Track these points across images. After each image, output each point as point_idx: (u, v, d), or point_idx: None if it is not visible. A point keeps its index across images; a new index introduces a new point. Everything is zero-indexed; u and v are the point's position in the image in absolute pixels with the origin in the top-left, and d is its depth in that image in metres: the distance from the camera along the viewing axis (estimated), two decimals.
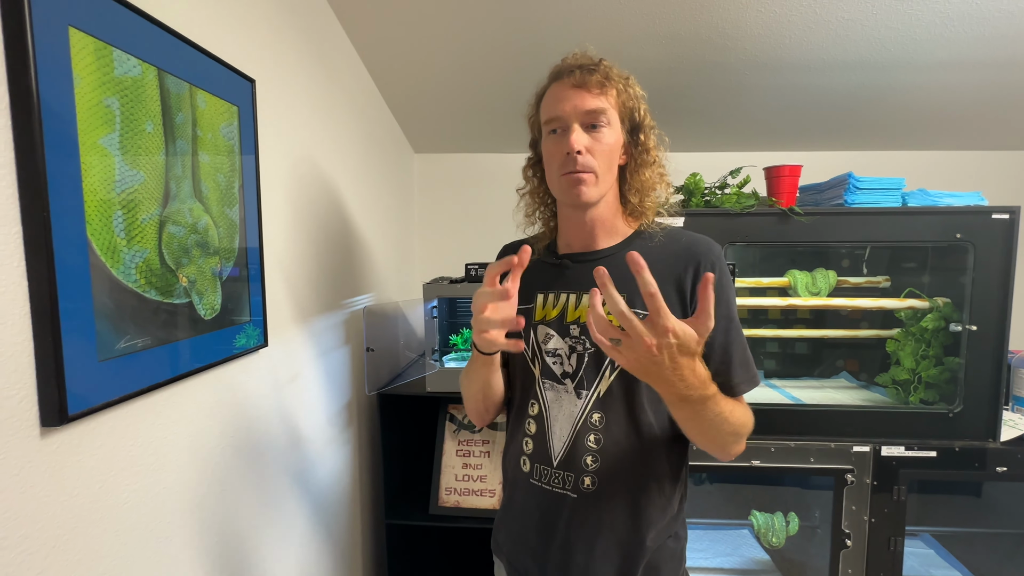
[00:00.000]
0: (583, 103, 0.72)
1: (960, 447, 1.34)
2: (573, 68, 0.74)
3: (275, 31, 1.02)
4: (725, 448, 0.69)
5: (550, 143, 0.76)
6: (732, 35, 1.33)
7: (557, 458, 0.75)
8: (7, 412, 0.52)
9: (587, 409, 0.74)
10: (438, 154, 2.09)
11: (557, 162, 0.74)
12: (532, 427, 0.79)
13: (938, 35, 1.31)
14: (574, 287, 0.78)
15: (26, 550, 0.54)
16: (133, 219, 0.65)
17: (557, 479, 0.75)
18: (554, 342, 0.77)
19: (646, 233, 0.79)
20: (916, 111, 1.68)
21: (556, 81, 0.76)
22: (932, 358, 1.43)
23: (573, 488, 0.74)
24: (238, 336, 0.89)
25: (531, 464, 0.78)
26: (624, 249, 0.76)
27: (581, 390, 0.75)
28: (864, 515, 1.36)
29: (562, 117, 0.73)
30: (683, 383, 0.58)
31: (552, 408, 0.77)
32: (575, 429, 0.74)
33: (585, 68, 0.73)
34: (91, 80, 0.59)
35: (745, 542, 1.74)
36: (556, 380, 0.77)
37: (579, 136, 0.72)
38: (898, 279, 1.56)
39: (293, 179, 1.11)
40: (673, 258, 0.75)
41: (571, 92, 0.73)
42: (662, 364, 0.56)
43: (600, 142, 0.73)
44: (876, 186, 1.35)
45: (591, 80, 0.72)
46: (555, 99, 0.74)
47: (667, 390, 0.59)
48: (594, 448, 0.74)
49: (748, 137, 1.89)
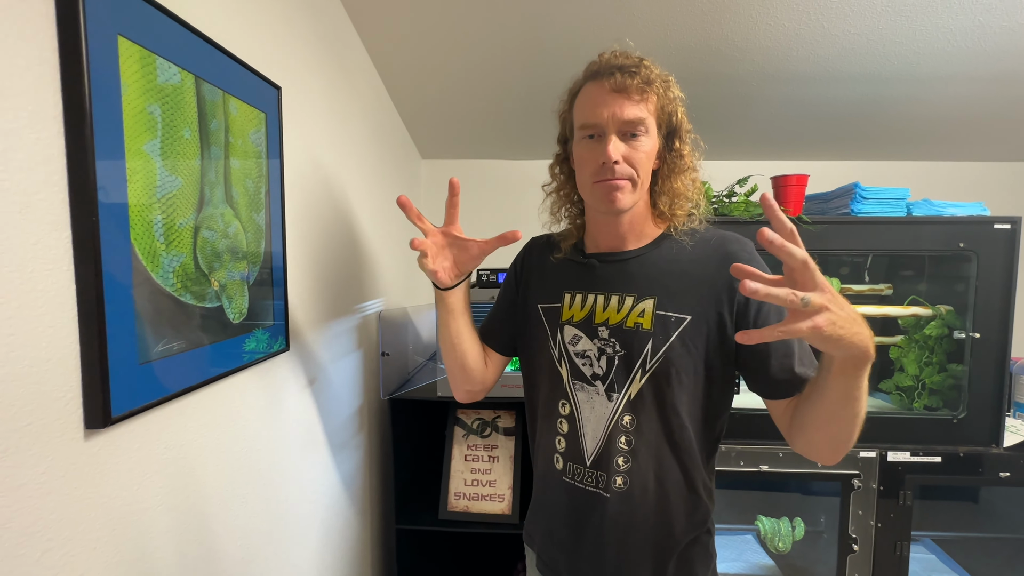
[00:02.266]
0: (622, 111, 0.70)
1: (964, 453, 1.36)
2: (613, 69, 0.71)
3: (299, 39, 1.04)
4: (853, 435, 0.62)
5: (584, 148, 0.74)
6: (742, 47, 1.36)
7: (590, 458, 0.76)
8: (54, 414, 0.52)
9: (618, 411, 0.75)
10: (445, 160, 2.11)
11: (591, 169, 0.73)
12: (564, 426, 0.79)
13: (940, 49, 1.35)
14: (601, 288, 0.78)
15: (69, 552, 0.54)
16: (171, 224, 0.66)
17: (590, 478, 0.76)
18: (583, 343, 0.78)
19: (674, 235, 0.78)
20: (920, 122, 1.71)
21: (594, 80, 0.73)
22: (936, 365, 1.46)
23: (605, 487, 0.75)
24: (263, 340, 0.89)
25: (564, 462, 0.79)
26: (652, 250, 0.77)
27: (612, 392, 0.75)
28: (871, 520, 1.38)
29: (599, 124, 0.71)
30: (864, 325, 0.53)
31: (584, 409, 0.77)
32: (607, 430, 0.75)
33: (626, 70, 0.70)
34: (137, 87, 0.60)
35: (750, 547, 1.75)
36: (587, 382, 0.77)
37: (616, 146, 0.70)
38: (900, 287, 1.59)
39: (311, 184, 1.12)
40: (704, 258, 0.74)
41: (610, 98, 0.70)
42: (847, 309, 0.51)
43: (637, 151, 0.71)
44: (882, 196, 1.38)
45: (631, 85, 0.69)
46: (592, 103, 0.72)
47: (862, 340, 0.53)
48: (626, 449, 0.74)
49: (756, 147, 1.92)
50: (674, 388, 0.73)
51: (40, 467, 0.51)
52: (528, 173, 2.04)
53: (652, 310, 0.73)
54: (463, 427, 1.61)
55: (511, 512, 1.49)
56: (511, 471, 1.53)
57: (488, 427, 1.59)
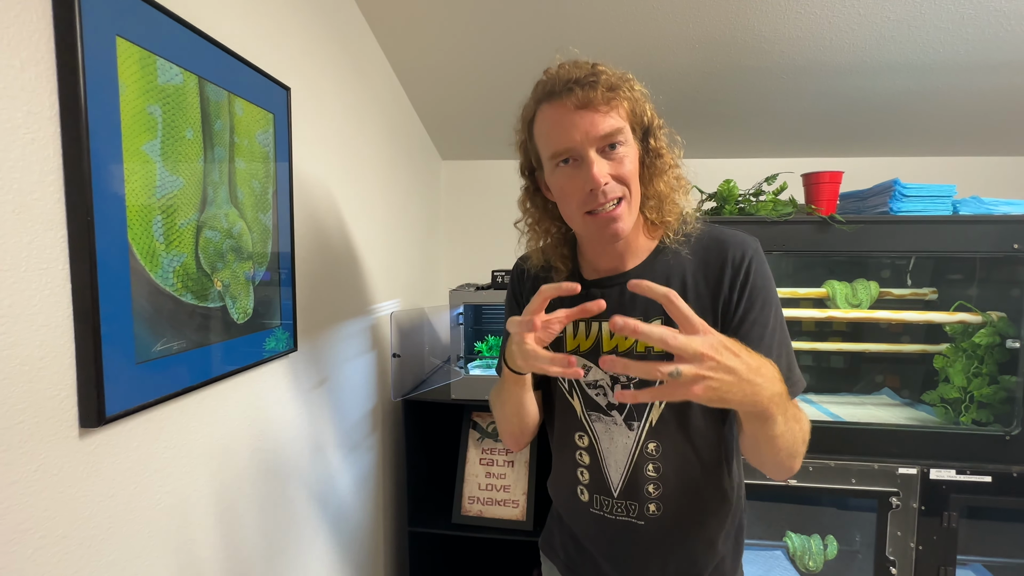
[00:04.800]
0: (595, 128, 0.62)
1: (1018, 473, 1.25)
2: (569, 84, 0.63)
3: (310, 40, 1.04)
4: (794, 459, 0.62)
5: (561, 176, 0.66)
6: (770, 38, 1.29)
7: (617, 489, 0.74)
8: (48, 413, 0.53)
9: (641, 440, 0.72)
10: (465, 161, 2.10)
11: (577, 199, 0.65)
12: (585, 458, 0.77)
13: (992, 35, 1.25)
14: (606, 315, 0.72)
15: (64, 549, 0.54)
16: (172, 224, 0.66)
17: (620, 508, 0.74)
18: (593, 373, 0.74)
19: (669, 244, 0.72)
20: (967, 115, 1.59)
21: (549, 102, 0.65)
22: (985, 376, 1.35)
23: (639, 516, 0.73)
24: (269, 340, 0.89)
25: (590, 494, 0.77)
26: (650, 264, 0.72)
27: (632, 421, 0.72)
28: (911, 542, 1.28)
29: (573, 148, 0.63)
30: (762, 378, 0.52)
31: (603, 439, 0.74)
32: (632, 460, 0.72)
33: (584, 83, 0.62)
34: (135, 88, 0.60)
35: (779, 564, 1.66)
36: (603, 412, 0.74)
37: (600, 167, 0.62)
38: (945, 291, 1.48)
39: (323, 185, 1.12)
40: (703, 264, 0.70)
41: (576, 116, 0.62)
42: (736, 370, 0.49)
43: (623, 163, 0.64)
44: (925, 193, 1.29)
45: (595, 97, 0.62)
46: (558, 126, 0.64)
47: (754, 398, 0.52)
48: (654, 476, 0.72)
49: (784, 143, 1.83)
50: (695, 407, 0.70)
51: (33, 465, 0.51)
52: None
53: None
54: (479, 431, 1.59)
55: (525, 519, 1.46)
56: (526, 477, 1.50)
57: None
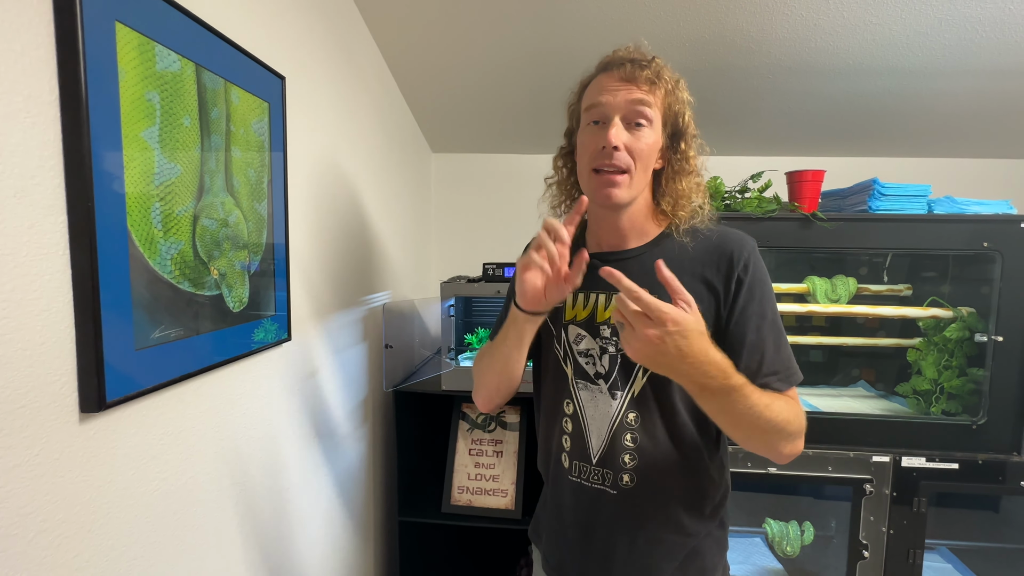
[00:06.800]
0: (627, 97, 0.70)
1: (983, 460, 1.32)
2: (624, 61, 0.71)
3: (305, 29, 1.04)
4: (772, 447, 0.67)
5: (587, 134, 0.73)
6: (757, 39, 1.32)
7: (596, 456, 0.76)
8: (48, 398, 0.53)
9: (623, 409, 0.74)
10: (456, 154, 2.10)
11: (590, 153, 0.72)
12: (569, 425, 0.79)
13: (968, 40, 1.29)
14: (604, 287, 0.77)
15: (63, 534, 0.55)
16: (170, 211, 0.66)
17: (596, 476, 0.76)
18: (586, 342, 0.77)
19: (674, 233, 0.76)
20: (943, 118, 1.65)
21: (604, 72, 0.73)
22: (955, 368, 1.41)
23: (612, 485, 0.75)
24: (263, 330, 0.90)
25: (570, 461, 0.79)
26: (652, 249, 0.76)
27: (615, 391, 0.75)
28: (883, 526, 1.34)
29: (604, 106, 0.70)
30: (697, 371, 0.59)
31: (588, 408, 0.77)
32: (612, 429, 0.75)
33: (637, 63, 0.70)
34: (134, 74, 0.60)
35: (758, 550, 1.72)
36: (590, 380, 0.77)
37: (619, 131, 0.69)
38: (919, 287, 1.54)
39: (316, 175, 1.12)
40: (704, 256, 0.73)
41: (618, 84, 0.70)
42: (668, 354, 0.57)
43: (639, 140, 0.70)
44: (902, 192, 1.33)
45: (641, 75, 0.69)
46: (600, 88, 0.72)
47: (686, 381, 0.61)
48: (631, 447, 0.74)
49: (770, 142, 1.87)
50: (674, 386, 0.72)
51: (34, 449, 0.52)
52: (539, 167, 2.01)
53: None
54: (468, 421, 1.60)
55: (514, 507, 1.48)
56: (515, 466, 1.53)
57: (493, 422, 1.59)
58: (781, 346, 0.72)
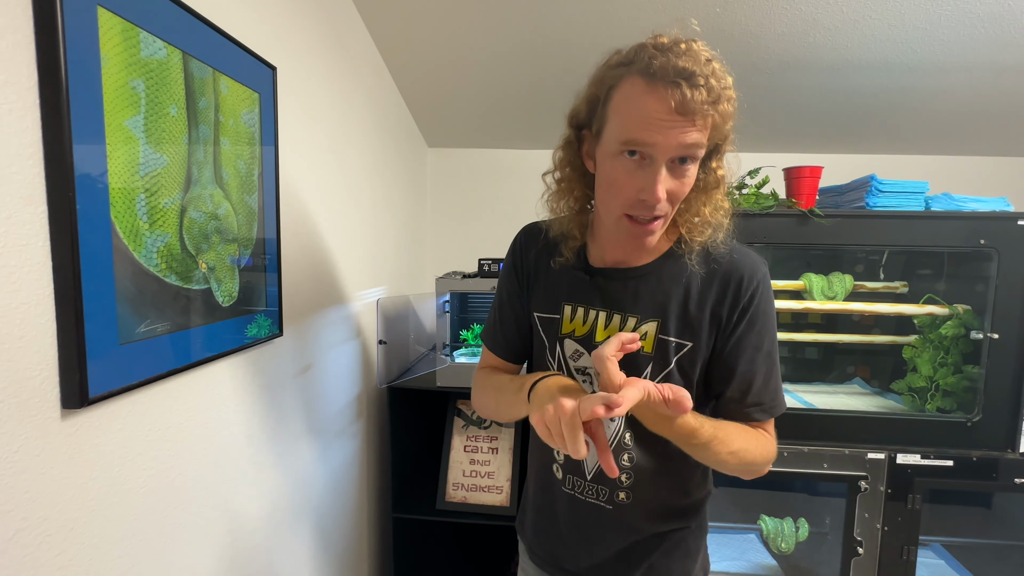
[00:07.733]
0: (681, 140, 0.57)
1: (978, 457, 1.32)
2: (677, 77, 0.56)
3: (297, 19, 1.02)
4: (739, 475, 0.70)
5: (620, 167, 0.61)
6: (757, 34, 1.31)
7: (591, 472, 0.76)
8: (29, 393, 0.52)
9: (619, 430, 0.74)
10: (452, 149, 2.08)
11: (624, 197, 0.62)
12: None
13: (967, 36, 1.29)
14: (605, 305, 0.73)
15: (45, 531, 0.54)
16: (156, 203, 0.65)
17: (591, 491, 0.76)
18: (584, 360, 0.75)
19: (684, 250, 0.70)
20: (941, 115, 1.65)
21: (649, 82, 0.57)
22: (951, 366, 1.41)
23: (608, 500, 0.75)
24: (254, 325, 0.88)
25: (564, 473, 0.78)
26: (659, 268, 0.71)
27: None
28: (877, 523, 1.34)
29: (650, 149, 0.58)
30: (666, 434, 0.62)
31: None
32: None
33: (693, 81, 0.56)
34: (118, 61, 0.58)
35: (752, 547, 1.72)
36: None
37: (665, 182, 0.59)
38: (916, 285, 1.54)
39: (309, 168, 1.10)
40: (712, 285, 0.69)
41: (670, 119, 0.56)
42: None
43: (683, 184, 0.61)
44: (899, 189, 1.33)
45: (698, 106, 0.56)
46: (647, 119, 0.57)
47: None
48: (627, 466, 0.74)
49: (767, 138, 1.87)
50: None
51: (14, 445, 0.50)
52: (535, 163, 2.01)
53: (655, 334, 0.70)
54: (463, 418, 1.60)
55: (509, 504, 1.48)
56: (510, 463, 1.52)
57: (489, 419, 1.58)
58: (771, 378, 0.70)
